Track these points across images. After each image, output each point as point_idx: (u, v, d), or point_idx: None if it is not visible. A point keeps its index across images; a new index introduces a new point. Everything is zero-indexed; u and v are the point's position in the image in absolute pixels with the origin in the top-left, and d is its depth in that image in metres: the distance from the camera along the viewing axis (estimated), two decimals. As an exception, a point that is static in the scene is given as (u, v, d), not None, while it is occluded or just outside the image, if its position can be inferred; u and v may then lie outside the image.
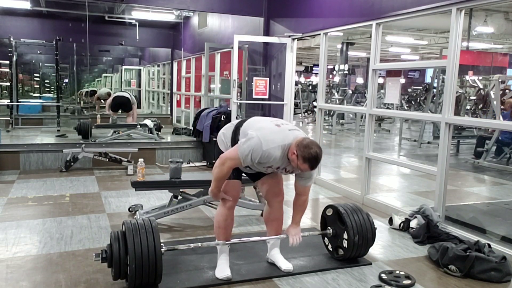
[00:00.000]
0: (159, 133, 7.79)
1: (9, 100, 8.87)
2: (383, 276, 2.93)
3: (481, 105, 9.43)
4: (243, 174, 2.99)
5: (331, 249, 3.22)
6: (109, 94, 9.08)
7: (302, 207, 2.92)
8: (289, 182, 3.01)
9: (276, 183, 2.98)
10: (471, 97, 10.47)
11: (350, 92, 14.95)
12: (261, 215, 4.19)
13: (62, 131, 7.94)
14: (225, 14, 7.80)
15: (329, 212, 3.19)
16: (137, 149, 6.33)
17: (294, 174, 2.83)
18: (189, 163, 6.61)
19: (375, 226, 3.14)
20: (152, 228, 2.60)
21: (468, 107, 10.36)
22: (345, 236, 3.04)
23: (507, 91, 8.60)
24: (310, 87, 17.92)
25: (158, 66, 11.58)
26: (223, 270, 2.85)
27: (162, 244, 2.62)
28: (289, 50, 6.32)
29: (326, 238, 3.27)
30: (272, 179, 2.97)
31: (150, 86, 11.96)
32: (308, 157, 2.51)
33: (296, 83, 15.21)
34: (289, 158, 2.59)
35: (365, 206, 4.60)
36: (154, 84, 11.87)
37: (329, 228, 3.18)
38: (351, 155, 9.23)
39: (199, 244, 2.85)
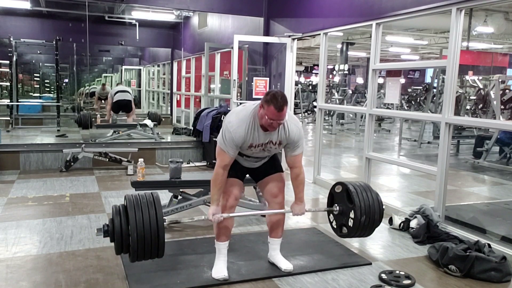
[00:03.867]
0: (159, 128, 7.72)
1: (9, 100, 8.87)
2: (383, 276, 2.93)
3: (481, 105, 9.41)
4: (247, 175, 3.01)
5: (335, 227, 3.12)
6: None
7: (297, 181, 2.89)
8: (288, 183, 3.00)
9: (275, 184, 2.98)
10: (471, 97, 10.45)
11: (350, 92, 14.94)
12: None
13: (62, 131, 7.95)
14: (225, 14, 7.79)
15: (338, 189, 3.08)
16: (137, 149, 6.33)
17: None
18: (189, 163, 6.61)
19: (383, 207, 3.02)
20: (154, 199, 2.59)
21: (468, 107, 10.35)
22: (352, 215, 2.93)
23: (507, 91, 8.57)
24: (310, 87, 17.93)
25: (158, 66, 11.57)
26: (220, 270, 2.85)
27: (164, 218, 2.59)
28: (289, 50, 6.32)
29: (331, 215, 3.15)
30: (272, 180, 2.98)
31: (150, 86, 11.96)
32: (270, 98, 2.56)
33: (296, 83, 15.21)
34: (259, 117, 2.64)
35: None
36: (154, 84, 11.86)
37: (336, 205, 3.08)
38: (351, 155, 9.23)
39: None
